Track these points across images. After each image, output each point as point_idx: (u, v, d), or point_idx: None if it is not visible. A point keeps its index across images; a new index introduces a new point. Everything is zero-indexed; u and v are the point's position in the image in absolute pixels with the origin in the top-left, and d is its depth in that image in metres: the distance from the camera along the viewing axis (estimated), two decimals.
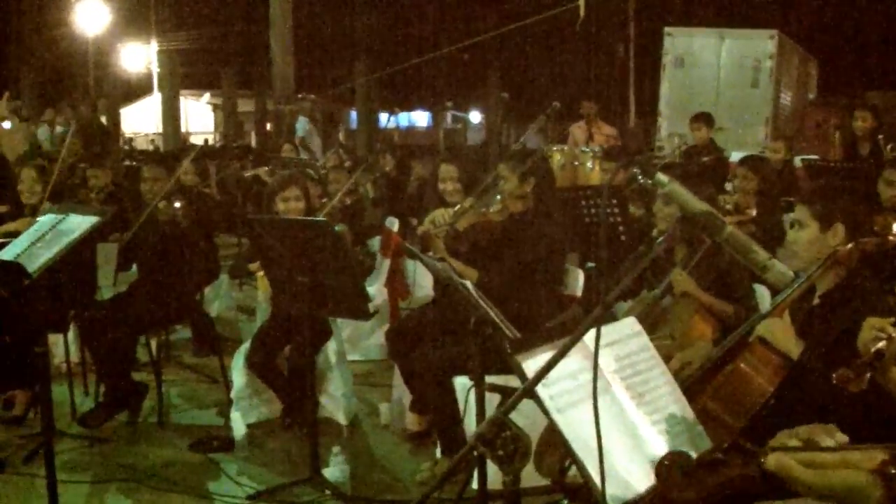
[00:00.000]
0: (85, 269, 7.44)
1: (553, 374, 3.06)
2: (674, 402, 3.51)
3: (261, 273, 7.31)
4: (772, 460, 2.79)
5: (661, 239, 5.87)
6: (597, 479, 3.00)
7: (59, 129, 19.78)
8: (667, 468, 2.98)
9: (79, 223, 5.69)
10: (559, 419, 3.10)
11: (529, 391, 3.02)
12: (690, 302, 5.79)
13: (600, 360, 3.08)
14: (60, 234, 5.64)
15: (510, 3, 26.68)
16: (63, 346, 8.46)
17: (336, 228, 6.49)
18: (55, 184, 9.05)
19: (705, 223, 3.14)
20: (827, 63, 21.87)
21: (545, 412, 3.11)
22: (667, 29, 18.13)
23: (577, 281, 7.25)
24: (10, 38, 28.64)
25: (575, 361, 3.23)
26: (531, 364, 3.17)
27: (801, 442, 2.92)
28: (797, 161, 12.26)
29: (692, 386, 4.10)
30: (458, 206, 6.92)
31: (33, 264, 5.48)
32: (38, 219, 6.13)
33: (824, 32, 22.79)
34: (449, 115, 36.14)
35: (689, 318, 5.71)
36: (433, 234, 6.80)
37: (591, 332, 3.07)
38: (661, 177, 3.17)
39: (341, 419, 7.40)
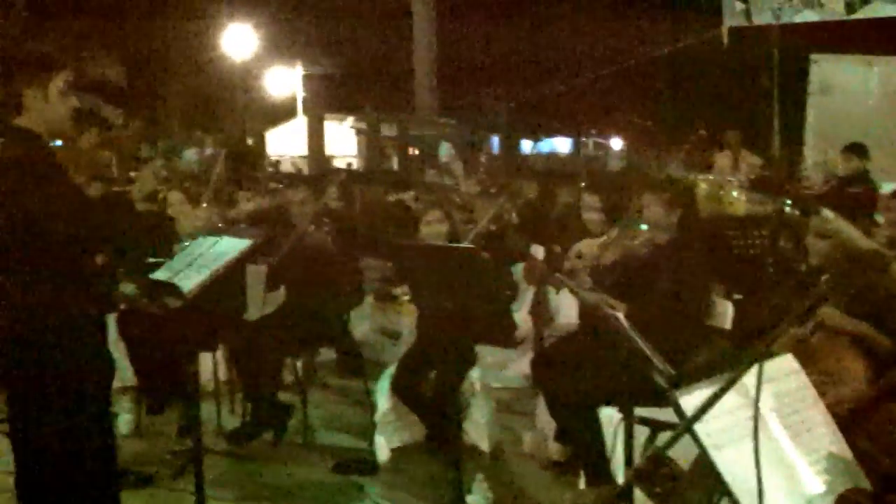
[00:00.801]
0: (235, 290, 7.57)
1: (710, 410, 3.03)
2: (831, 441, 3.45)
3: (406, 298, 7.37)
4: None
5: (825, 277, 5.74)
6: None
7: (207, 151, 20.21)
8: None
9: (232, 245, 5.79)
10: (716, 456, 3.07)
11: (689, 428, 2.99)
12: (842, 338, 5.67)
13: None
14: (214, 256, 5.74)
15: (652, 30, 26.58)
16: (211, 365, 8.60)
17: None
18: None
19: (871, 261, 3.08)
20: None
21: (702, 449, 3.08)
22: (813, 56, 17.75)
23: (726, 313, 7.14)
24: (158, 63, 29.34)
25: (732, 398, 3.18)
26: (687, 399, 3.14)
27: None
28: None
29: (848, 425, 4.02)
30: (604, 238, 6.90)
31: (188, 285, 5.58)
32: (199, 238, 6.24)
33: None
34: (590, 142, 36.14)
35: (842, 355, 5.58)
36: (579, 266, 6.78)
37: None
38: (827, 212, 3.13)
39: (484, 446, 7.38)
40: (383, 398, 7.52)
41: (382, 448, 7.40)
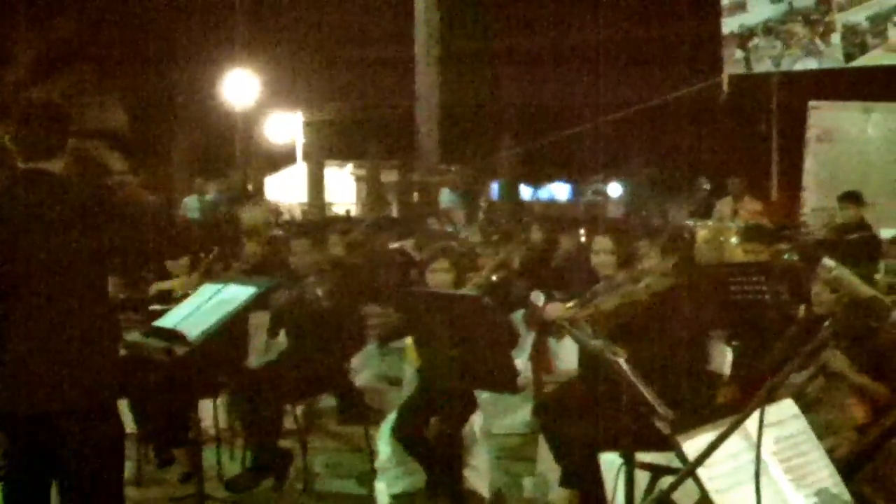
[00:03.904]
0: (237, 337, 7.61)
1: (713, 455, 3.06)
2: (833, 484, 3.48)
3: (410, 345, 7.37)
4: None
5: (827, 323, 5.77)
6: None
7: (207, 197, 20.25)
8: None
9: (237, 293, 5.82)
10: (719, 500, 3.09)
11: (692, 472, 3.02)
12: (844, 384, 5.70)
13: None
14: (220, 304, 5.76)
15: (653, 78, 26.69)
16: (212, 411, 8.60)
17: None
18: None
19: (872, 308, 3.11)
20: None
21: (704, 493, 3.10)
22: (811, 103, 17.81)
23: (725, 358, 7.17)
24: (162, 110, 29.48)
25: (734, 442, 3.21)
26: (690, 444, 3.17)
27: None
28: None
29: (848, 469, 4.04)
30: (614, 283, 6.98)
31: (193, 332, 5.61)
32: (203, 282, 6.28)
33: None
34: (589, 189, 36.18)
35: (843, 401, 5.61)
36: (580, 316, 6.82)
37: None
38: (828, 261, 3.16)
39: (485, 492, 7.36)
40: (384, 444, 7.52)
41: (383, 494, 7.39)
